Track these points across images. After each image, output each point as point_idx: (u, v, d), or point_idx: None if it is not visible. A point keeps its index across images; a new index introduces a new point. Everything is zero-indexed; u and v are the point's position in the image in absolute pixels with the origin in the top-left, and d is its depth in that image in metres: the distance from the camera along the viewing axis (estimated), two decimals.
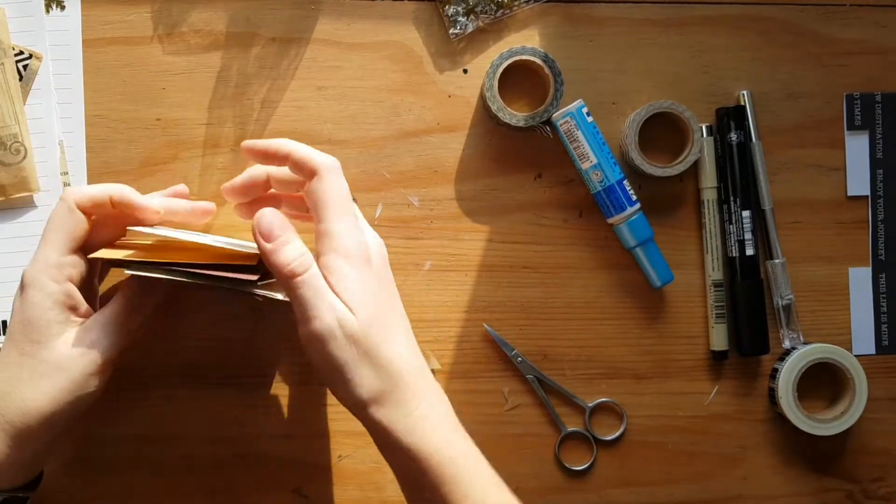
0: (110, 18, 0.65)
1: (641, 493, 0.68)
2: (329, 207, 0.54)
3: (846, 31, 0.69)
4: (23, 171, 0.64)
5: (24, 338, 0.54)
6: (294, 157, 0.56)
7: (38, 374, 0.53)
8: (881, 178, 0.69)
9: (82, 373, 0.54)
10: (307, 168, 0.55)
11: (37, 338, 0.53)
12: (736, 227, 0.67)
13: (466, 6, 0.66)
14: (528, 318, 0.67)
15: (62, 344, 0.54)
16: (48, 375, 0.53)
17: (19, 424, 0.52)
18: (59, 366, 0.53)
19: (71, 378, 0.53)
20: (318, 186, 0.54)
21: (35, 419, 0.53)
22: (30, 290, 0.54)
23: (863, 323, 0.69)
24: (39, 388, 0.53)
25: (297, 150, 0.56)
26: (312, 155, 0.55)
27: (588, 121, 0.65)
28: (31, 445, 0.54)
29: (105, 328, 0.55)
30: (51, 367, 0.53)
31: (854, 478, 0.69)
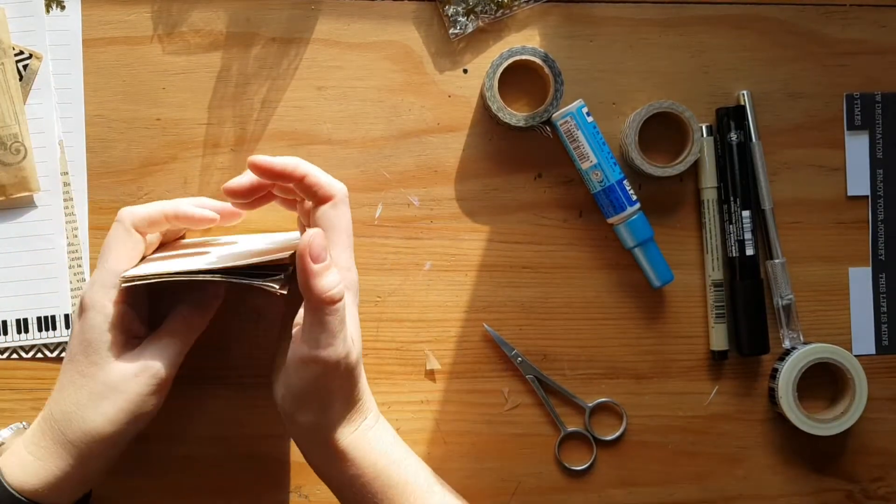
0: (110, 18, 0.65)
1: (641, 493, 0.68)
2: (338, 235, 0.55)
3: (846, 31, 0.69)
4: (23, 170, 0.64)
5: (84, 359, 0.55)
6: (309, 181, 0.56)
7: (97, 395, 0.54)
8: (881, 178, 0.69)
9: (139, 393, 0.55)
10: (321, 193, 0.56)
11: (96, 359, 0.54)
12: (736, 227, 0.67)
13: (466, 6, 0.66)
14: (528, 318, 0.67)
15: (120, 365, 0.55)
16: (107, 397, 0.54)
17: (81, 445, 0.54)
18: (117, 387, 0.54)
19: (129, 399, 0.54)
20: (332, 213, 0.56)
21: (95, 440, 0.54)
22: (90, 313, 0.55)
23: (863, 323, 0.69)
24: (100, 410, 0.54)
25: (312, 174, 0.56)
26: (330, 182, 0.56)
27: (588, 121, 0.65)
28: (91, 464, 0.55)
29: (160, 348, 0.56)
30: (109, 388, 0.54)
31: (854, 478, 0.69)
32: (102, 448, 0.54)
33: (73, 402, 0.54)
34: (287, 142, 0.66)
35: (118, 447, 0.56)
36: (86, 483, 0.56)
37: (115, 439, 0.54)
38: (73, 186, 0.65)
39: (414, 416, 0.66)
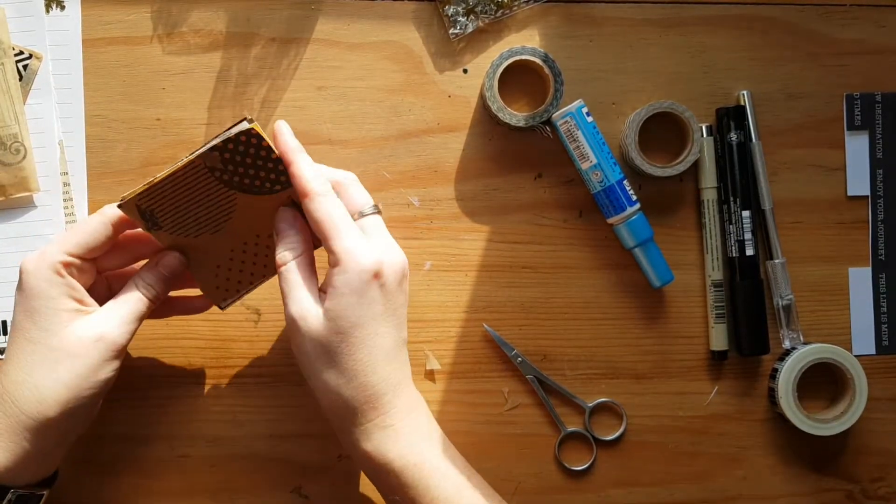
0: (110, 18, 0.65)
1: (641, 493, 0.68)
2: (322, 228, 0.55)
3: (846, 31, 0.69)
4: (23, 170, 0.64)
5: (32, 326, 0.54)
6: (291, 171, 0.56)
7: (51, 360, 0.53)
8: (881, 178, 0.69)
9: (98, 359, 0.54)
10: (298, 188, 0.56)
11: (45, 325, 0.53)
12: (736, 227, 0.67)
13: (466, 6, 0.66)
14: (528, 319, 0.67)
15: (74, 331, 0.54)
16: (62, 362, 0.53)
17: (35, 414, 0.52)
18: (73, 352, 0.53)
19: (87, 364, 0.53)
20: (307, 209, 0.55)
21: (51, 407, 0.53)
22: (27, 278, 0.54)
23: (863, 323, 0.69)
24: (53, 376, 0.53)
25: (295, 165, 0.56)
26: (307, 177, 0.55)
27: (588, 121, 0.65)
28: (49, 437, 0.53)
29: (117, 316, 0.55)
30: (65, 353, 0.53)
31: (854, 478, 0.69)
32: (59, 417, 0.53)
33: (24, 371, 0.53)
34: None
35: (74, 417, 0.54)
36: (42, 461, 0.55)
37: (71, 407, 0.53)
38: (72, 186, 0.65)
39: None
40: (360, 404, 0.54)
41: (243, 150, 0.56)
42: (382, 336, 0.55)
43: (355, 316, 0.54)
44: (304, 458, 0.66)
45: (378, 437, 0.55)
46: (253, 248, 0.59)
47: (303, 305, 0.54)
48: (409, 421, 0.56)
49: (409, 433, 0.56)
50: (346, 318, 0.53)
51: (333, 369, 0.54)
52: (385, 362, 0.55)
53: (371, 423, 0.55)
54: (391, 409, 0.55)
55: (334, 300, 0.53)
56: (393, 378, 0.56)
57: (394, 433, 0.55)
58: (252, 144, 0.56)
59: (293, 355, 0.56)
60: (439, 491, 0.55)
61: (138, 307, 0.56)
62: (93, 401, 0.55)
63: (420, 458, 0.56)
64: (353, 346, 0.54)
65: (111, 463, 0.65)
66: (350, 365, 0.54)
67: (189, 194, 0.56)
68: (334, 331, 0.53)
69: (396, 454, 0.55)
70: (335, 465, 0.66)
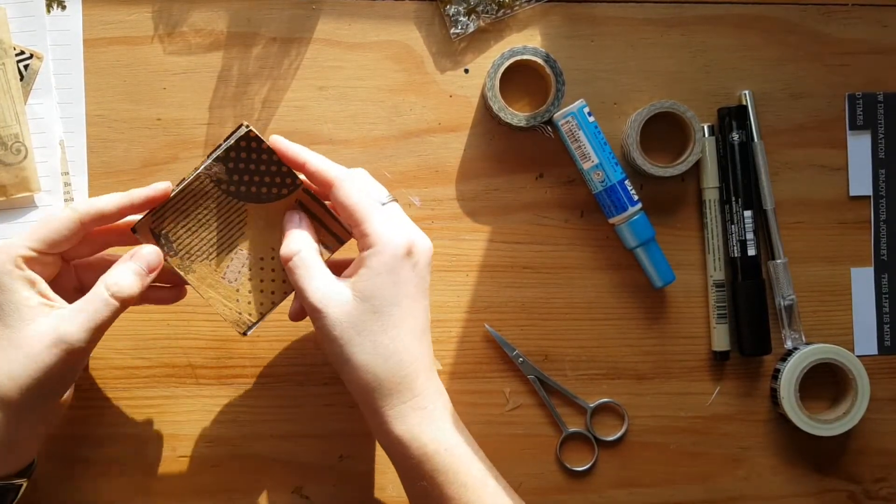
0: (111, 18, 0.65)
1: (643, 494, 0.68)
2: (354, 212, 0.55)
3: (848, 30, 0.69)
4: (23, 170, 0.64)
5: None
6: (309, 168, 0.57)
7: (6, 359, 0.51)
8: (883, 177, 0.69)
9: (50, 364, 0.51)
10: (322, 180, 0.56)
11: (7, 320, 0.52)
12: (738, 227, 0.67)
13: (467, 6, 0.66)
14: (530, 319, 0.67)
15: (33, 330, 0.52)
16: (16, 360, 0.51)
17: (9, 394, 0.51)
18: (28, 353, 0.51)
19: (39, 368, 0.51)
20: (337, 196, 0.56)
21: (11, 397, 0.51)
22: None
23: (865, 323, 0.69)
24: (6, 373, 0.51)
25: (311, 162, 0.57)
26: (327, 168, 0.56)
27: (589, 121, 0.65)
28: (24, 420, 0.53)
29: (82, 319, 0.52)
30: (20, 352, 0.51)
31: (856, 478, 0.69)
32: (12, 413, 0.52)
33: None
34: None
35: (36, 414, 0.53)
36: (17, 449, 0.54)
37: (27, 407, 0.52)
38: (73, 186, 0.65)
39: None
40: (396, 384, 0.54)
41: (245, 156, 0.56)
42: (416, 316, 0.55)
43: (391, 294, 0.54)
44: (304, 458, 0.66)
45: (413, 419, 0.54)
46: (270, 262, 0.59)
47: (325, 292, 0.54)
48: (440, 404, 0.56)
49: (441, 417, 0.55)
50: (381, 297, 0.53)
51: (368, 350, 0.53)
52: (418, 342, 0.55)
53: (405, 404, 0.54)
54: (424, 390, 0.55)
55: (369, 280, 0.53)
56: (425, 359, 0.56)
57: (428, 416, 0.55)
58: (253, 149, 0.56)
59: (318, 345, 0.56)
60: (468, 477, 0.55)
61: (104, 313, 0.53)
62: (54, 399, 0.54)
63: (450, 442, 0.55)
64: (389, 324, 0.54)
65: (111, 463, 0.65)
66: (386, 343, 0.54)
67: (199, 212, 0.57)
68: (369, 310, 0.53)
69: (430, 438, 0.54)
70: (336, 465, 0.66)
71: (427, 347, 0.56)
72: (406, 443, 0.54)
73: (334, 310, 0.53)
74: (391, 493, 0.66)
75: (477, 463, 0.56)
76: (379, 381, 0.54)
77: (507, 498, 0.56)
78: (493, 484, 0.55)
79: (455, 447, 0.55)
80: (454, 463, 0.54)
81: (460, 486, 0.54)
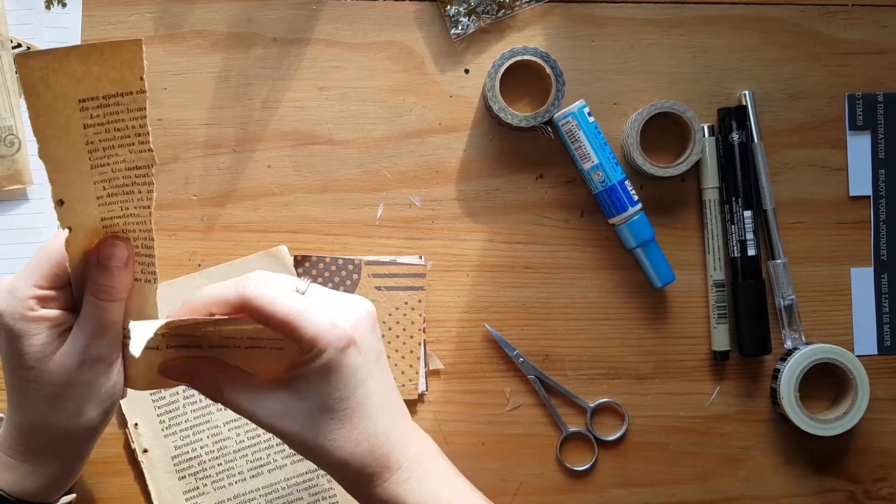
0: (112, 19, 0.65)
1: (643, 494, 0.68)
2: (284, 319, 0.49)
3: (848, 31, 0.69)
4: (16, 163, 0.63)
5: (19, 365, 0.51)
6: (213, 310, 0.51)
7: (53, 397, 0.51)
8: (883, 178, 0.69)
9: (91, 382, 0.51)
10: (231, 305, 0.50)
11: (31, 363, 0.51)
12: (738, 227, 0.67)
13: (468, 6, 0.66)
14: (530, 319, 0.67)
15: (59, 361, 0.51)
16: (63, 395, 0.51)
17: (58, 448, 0.52)
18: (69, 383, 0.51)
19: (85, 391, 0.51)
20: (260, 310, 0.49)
21: (70, 438, 0.52)
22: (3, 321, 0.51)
23: (865, 323, 0.69)
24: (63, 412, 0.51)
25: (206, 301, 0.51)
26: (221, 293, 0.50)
27: (589, 121, 0.65)
28: (74, 460, 0.54)
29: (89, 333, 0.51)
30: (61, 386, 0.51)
31: (856, 478, 0.69)
32: (81, 443, 0.53)
33: (35, 412, 0.51)
34: (288, 142, 0.66)
35: (98, 435, 0.53)
36: (74, 474, 0.55)
37: (90, 432, 0.52)
38: None
39: (415, 416, 0.66)
40: (374, 469, 0.51)
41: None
42: (374, 395, 0.52)
43: (342, 392, 0.50)
44: None
45: (396, 492, 0.52)
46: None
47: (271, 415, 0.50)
48: (424, 466, 0.53)
49: (427, 480, 0.53)
50: (332, 398, 0.50)
51: (334, 448, 0.50)
52: (385, 416, 0.52)
53: (386, 482, 0.52)
54: (404, 461, 0.52)
55: (316, 388, 0.50)
56: (397, 428, 0.53)
57: (413, 485, 0.52)
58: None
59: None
60: None
61: (104, 315, 0.51)
62: (108, 416, 0.53)
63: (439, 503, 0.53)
64: (346, 419, 0.50)
65: (111, 462, 0.65)
66: (349, 437, 0.50)
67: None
68: (321, 413, 0.50)
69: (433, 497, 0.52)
70: None
71: (398, 410, 0.53)
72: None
73: (287, 426, 0.50)
74: None
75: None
76: (353, 471, 0.51)
77: None
78: None
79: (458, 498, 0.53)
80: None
81: None
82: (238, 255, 0.65)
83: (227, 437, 0.65)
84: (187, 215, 0.66)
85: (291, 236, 0.66)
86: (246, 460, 0.65)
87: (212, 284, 0.51)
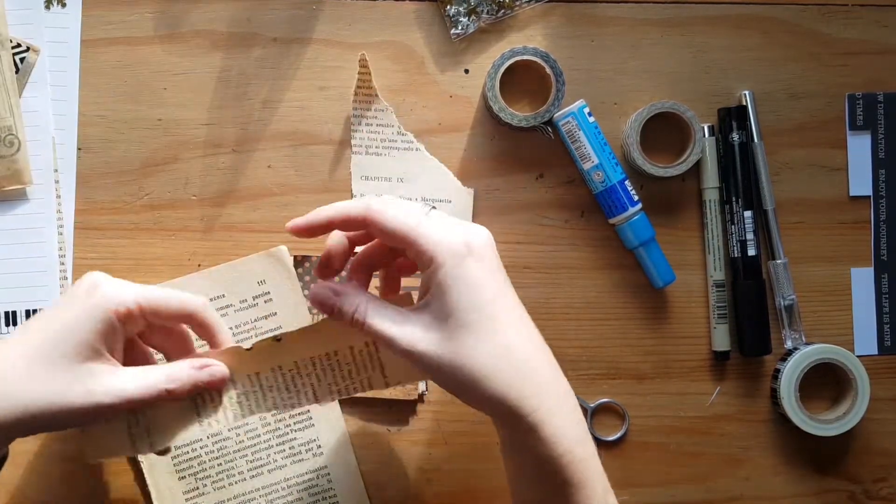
0: (111, 19, 0.65)
1: (643, 494, 0.68)
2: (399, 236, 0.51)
3: (848, 30, 0.69)
4: (16, 163, 0.63)
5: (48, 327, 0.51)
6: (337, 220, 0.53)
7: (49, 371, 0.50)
8: (883, 178, 0.69)
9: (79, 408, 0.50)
10: (355, 220, 0.52)
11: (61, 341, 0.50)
12: (738, 227, 0.67)
13: (468, 6, 0.66)
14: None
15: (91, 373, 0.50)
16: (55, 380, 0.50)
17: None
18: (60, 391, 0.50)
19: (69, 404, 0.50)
20: (376, 227, 0.51)
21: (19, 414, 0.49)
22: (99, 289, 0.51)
23: (865, 323, 0.69)
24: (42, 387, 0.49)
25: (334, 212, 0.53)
26: (350, 206, 0.52)
27: (590, 121, 0.65)
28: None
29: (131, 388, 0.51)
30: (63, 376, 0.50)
31: (856, 479, 0.69)
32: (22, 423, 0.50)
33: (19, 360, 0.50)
34: (288, 142, 0.66)
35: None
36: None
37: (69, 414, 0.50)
38: (61, 185, 0.64)
39: (415, 416, 0.66)
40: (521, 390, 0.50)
41: None
42: (506, 309, 0.51)
43: (470, 301, 0.50)
44: None
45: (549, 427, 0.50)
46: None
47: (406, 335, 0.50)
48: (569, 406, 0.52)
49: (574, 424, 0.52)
50: (462, 309, 0.49)
51: (477, 366, 0.49)
52: (523, 337, 0.51)
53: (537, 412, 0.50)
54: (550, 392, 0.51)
55: (441, 298, 0.50)
56: (539, 354, 0.52)
57: (561, 422, 0.51)
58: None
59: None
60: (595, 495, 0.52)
61: (148, 395, 0.51)
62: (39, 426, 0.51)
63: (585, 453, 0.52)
64: (482, 333, 0.50)
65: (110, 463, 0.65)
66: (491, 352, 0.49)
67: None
68: (458, 328, 0.49)
69: (566, 448, 0.51)
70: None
71: (535, 339, 0.52)
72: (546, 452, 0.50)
73: (424, 347, 0.49)
74: (392, 494, 0.66)
75: (602, 480, 0.53)
76: (503, 391, 0.49)
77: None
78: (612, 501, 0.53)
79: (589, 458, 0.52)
80: (588, 478, 0.51)
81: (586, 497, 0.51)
82: (238, 255, 0.65)
83: (227, 437, 0.65)
84: (187, 215, 0.66)
85: (291, 237, 0.66)
86: (246, 460, 0.65)
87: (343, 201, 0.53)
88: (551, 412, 0.50)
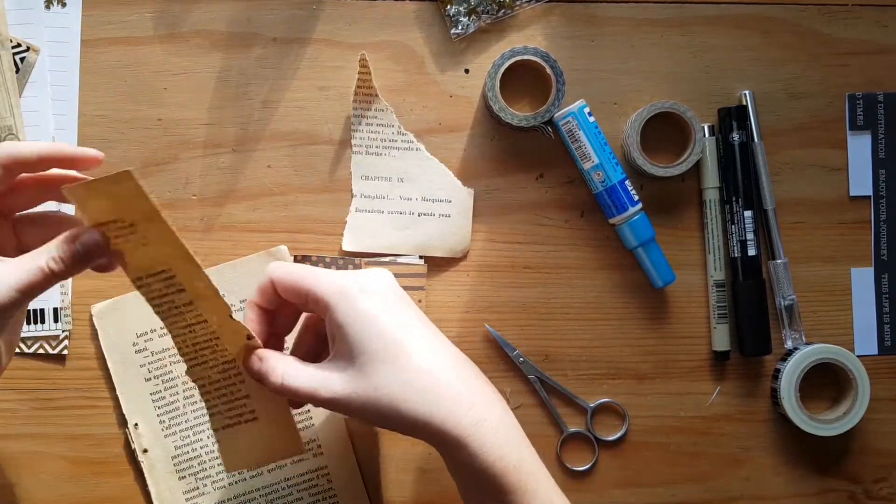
0: (111, 19, 0.65)
1: (643, 494, 0.68)
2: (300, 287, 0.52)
3: (848, 30, 0.69)
4: None
5: None
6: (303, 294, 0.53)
7: None
8: (883, 178, 0.69)
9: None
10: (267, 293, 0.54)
11: None
12: (738, 227, 0.67)
13: (468, 6, 0.66)
14: (530, 319, 0.67)
15: None
16: None
17: None
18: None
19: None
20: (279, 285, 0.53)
21: None
22: None
23: (865, 323, 0.69)
24: None
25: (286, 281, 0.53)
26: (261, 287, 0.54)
27: (590, 121, 0.65)
28: None
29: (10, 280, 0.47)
30: None
31: (856, 479, 0.69)
32: None
33: None
34: (288, 142, 0.66)
35: None
36: None
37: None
38: None
39: None
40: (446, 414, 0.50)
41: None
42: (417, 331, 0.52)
43: (372, 336, 0.50)
44: None
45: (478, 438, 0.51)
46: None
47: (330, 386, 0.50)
48: (496, 414, 0.52)
49: (504, 429, 0.52)
50: (365, 344, 0.50)
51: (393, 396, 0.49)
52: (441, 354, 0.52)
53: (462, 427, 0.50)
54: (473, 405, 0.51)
55: (343, 339, 0.50)
56: (459, 368, 0.52)
57: (489, 431, 0.51)
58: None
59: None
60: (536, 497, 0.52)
61: (35, 278, 0.47)
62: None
63: (521, 457, 0.52)
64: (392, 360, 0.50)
65: (111, 463, 0.65)
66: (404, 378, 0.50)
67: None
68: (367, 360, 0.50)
69: (497, 456, 0.51)
70: None
71: (451, 356, 0.53)
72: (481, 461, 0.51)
73: (341, 390, 0.50)
74: (393, 494, 0.66)
75: (544, 481, 0.53)
76: (426, 413, 0.50)
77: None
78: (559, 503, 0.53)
79: (522, 463, 0.52)
80: (522, 483, 0.51)
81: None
82: (238, 255, 0.65)
83: None
84: (187, 215, 0.66)
85: (291, 236, 0.66)
86: None
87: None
88: (477, 424, 0.51)
